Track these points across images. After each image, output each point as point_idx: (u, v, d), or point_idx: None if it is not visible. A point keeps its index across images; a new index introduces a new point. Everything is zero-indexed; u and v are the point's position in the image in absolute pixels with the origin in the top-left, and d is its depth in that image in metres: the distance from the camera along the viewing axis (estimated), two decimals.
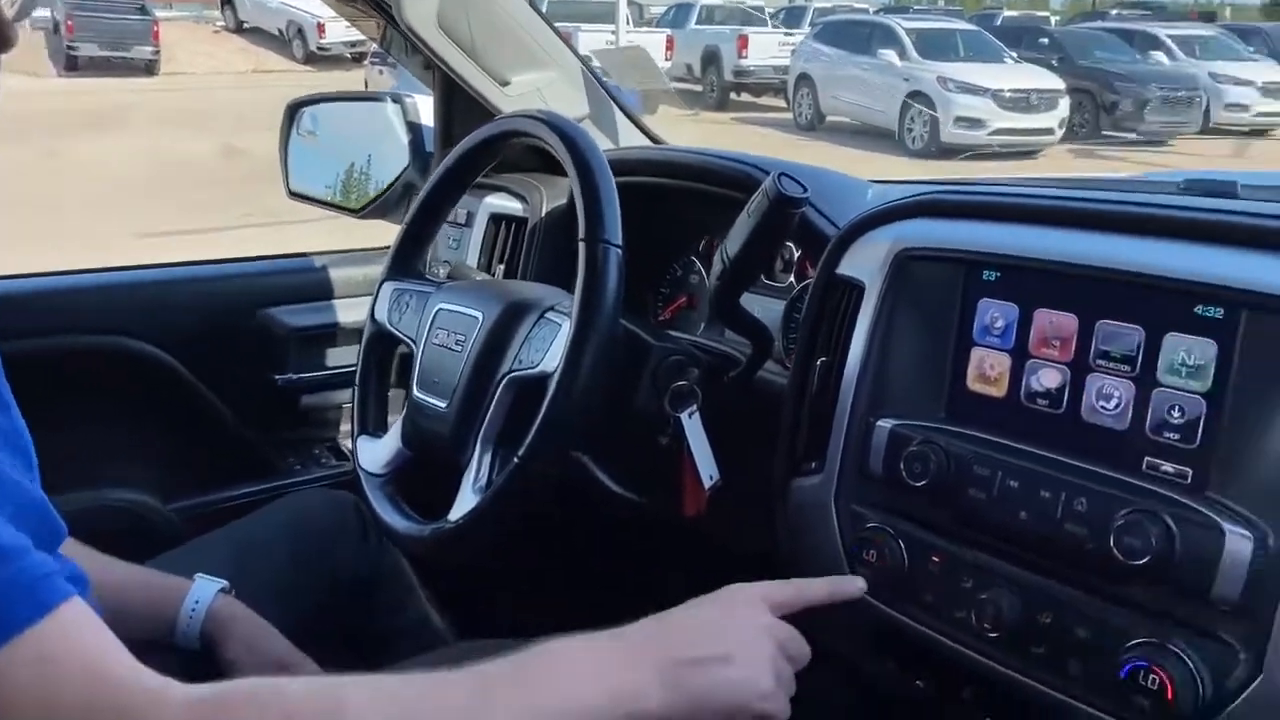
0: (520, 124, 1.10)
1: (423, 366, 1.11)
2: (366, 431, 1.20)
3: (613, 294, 0.93)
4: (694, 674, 0.71)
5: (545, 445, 0.94)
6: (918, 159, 10.81)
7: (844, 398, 0.94)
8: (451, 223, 1.55)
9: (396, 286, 1.20)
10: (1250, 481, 0.71)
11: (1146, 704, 0.71)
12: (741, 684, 0.72)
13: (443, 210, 1.21)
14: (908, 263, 0.92)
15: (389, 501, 1.13)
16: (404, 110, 1.67)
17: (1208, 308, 0.74)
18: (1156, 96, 12.14)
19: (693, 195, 1.27)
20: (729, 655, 0.72)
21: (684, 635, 0.74)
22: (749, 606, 0.77)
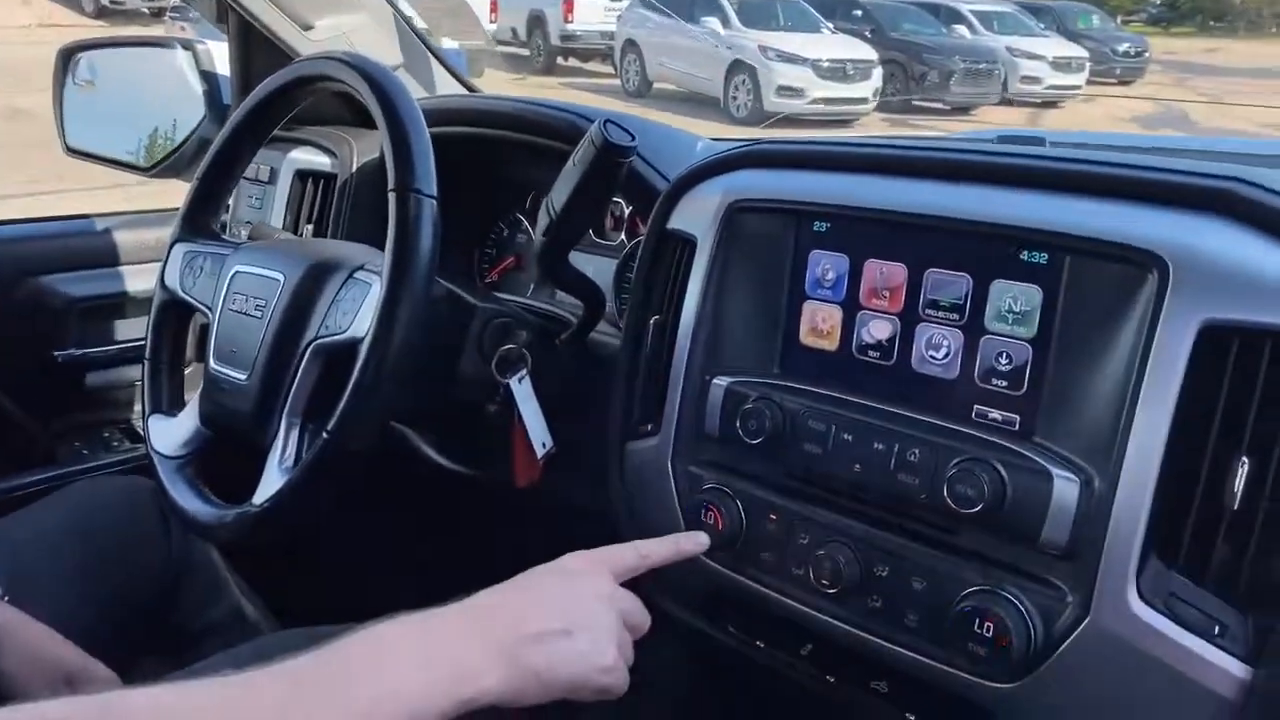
0: (321, 67, 1.00)
1: (219, 336, 1.00)
2: (160, 410, 1.09)
3: (427, 248, 0.86)
4: (533, 649, 0.67)
5: (358, 417, 0.86)
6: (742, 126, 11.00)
7: (679, 357, 0.91)
8: (252, 180, 1.43)
9: (189, 248, 1.09)
10: (1075, 426, 0.72)
11: (982, 651, 0.71)
12: (582, 657, 0.68)
13: (238, 164, 1.10)
14: (739, 215, 0.89)
15: (187, 486, 1.02)
16: (196, 58, 1.52)
17: (1032, 253, 0.74)
18: (960, 68, 12.77)
19: (515, 147, 1.20)
20: (569, 628, 0.69)
21: (521, 609, 0.69)
22: (589, 575, 0.73)
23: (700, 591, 0.92)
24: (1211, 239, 0.66)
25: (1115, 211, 0.70)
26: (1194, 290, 0.66)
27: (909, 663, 0.78)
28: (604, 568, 0.75)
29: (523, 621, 0.68)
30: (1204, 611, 0.66)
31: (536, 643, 0.67)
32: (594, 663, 0.69)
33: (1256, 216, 0.66)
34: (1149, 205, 0.70)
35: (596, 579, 0.73)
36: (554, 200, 0.95)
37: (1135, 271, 0.69)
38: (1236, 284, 0.65)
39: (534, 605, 0.70)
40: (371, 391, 0.85)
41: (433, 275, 0.88)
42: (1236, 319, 0.64)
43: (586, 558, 0.75)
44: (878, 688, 0.83)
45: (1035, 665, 0.71)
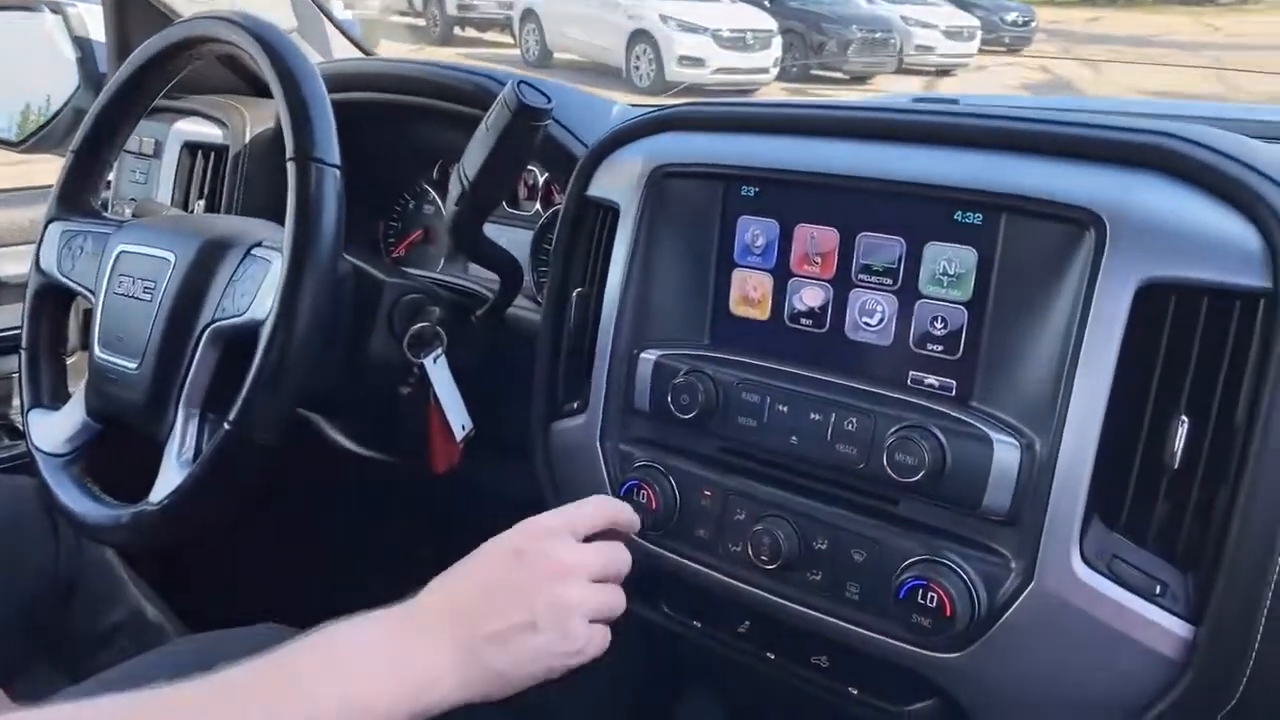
0: (207, 28, 0.93)
1: (105, 322, 0.93)
2: (40, 404, 1.00)
3: (331, 221, 0.80)
4: (494, 650, 0.63)
5: (262, 405, 0.80)
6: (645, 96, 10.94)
7: (605, 330, 0.87)
8: (136, 153, 1.33)
9: (66, 228, 1.00)
10: (1014, 390, 0.71)
11: (926, 622, 0.70)
12: (548, 649, 0.64)
13: (118, 136, 1.01)
14: (664, 180, 0.85)
15: (75, 485, 0.95)
16: (67, 22, 1.41)
17: (966, 214, 0.72)
18: (858, 38, 12.92)
19: (420, 113, 1.13)
20: (533, 620, 0.64)
21: (477, 605, 0.64)
22: (548, 547, 0.67)
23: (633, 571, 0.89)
24: (1148, 196, 0.65)
25: (1050, 170, 0.69)
26: (1131, 248, 0.64)
27: (851, 636, 0.76)
28: (563, 533, 0.69)
29: (481, 620, 0.63)
30: (1145, 572, 0.65)
31: (497, 642, 0.63)
32: (561, 650, 0.65)
33: (1191, 172, 0.65)
34: (1084, 163, 0.68)
35: (556, 550, 0.68)
36: (466, 168, 0.90)
37: (1072, 230, 0.67)
38: (1173, 241, 0.64)
39: (491, 599, 0.65)
40: (276, 377, 0.79)
41: (338, 250, 0.82)
42: (1174, 276, 0.64)
43: (540, 527, 0.69)
44: (819, 663, 0.81)
45: (980, 634, 0.70)
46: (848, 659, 0.79)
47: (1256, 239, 0.62)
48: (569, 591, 0.66)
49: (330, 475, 1.18)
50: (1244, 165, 0.64)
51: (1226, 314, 0.63)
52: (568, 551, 0.68)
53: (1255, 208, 0.63)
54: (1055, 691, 0.69)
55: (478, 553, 0.69)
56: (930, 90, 12.62)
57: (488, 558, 0.68)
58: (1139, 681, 0.66)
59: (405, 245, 1.31)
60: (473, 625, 0.63)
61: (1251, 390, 0.62)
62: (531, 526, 0.70)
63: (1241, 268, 0.62)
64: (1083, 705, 0.69)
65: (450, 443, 1.01)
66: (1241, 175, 0.63)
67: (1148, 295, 0.64)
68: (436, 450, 1.01)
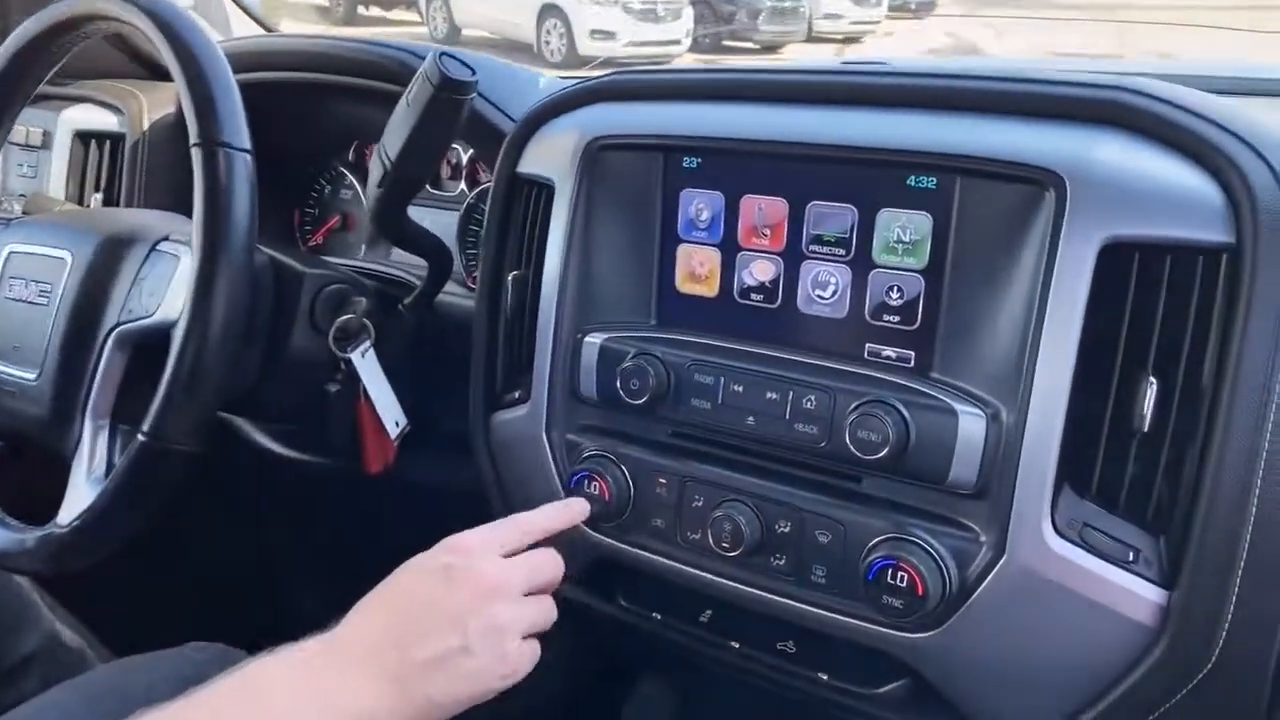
0: (92, 4, 0.85)
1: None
2: None
3: (244, 210, 0.74)
4: (426, 678, 0.60)
5: (179, 412, 0.74)
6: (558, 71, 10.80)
7: (545, 314, 0.82)
8: (21, 145, 1.23)
9: None
10: (976, 358, 0.68)
11: (898, 602, 0.68)
12: (482, 672, 0.61)
13: (0, 127, 0.93)
14: (600, 154, 0.80)
15: None
16: None
17: (920, 178, 0.70)
18: (767, 6, 12.93)
19: (333, 92, 1.07)
20: (465, 644, 0.61)
21: (406, 632, 0.61)
22: (474, 565, 0.65)
23: (586, 565, 0.85)
24: (1107, 153, 0.63)
25: (1006, 129, 0.66)
26: (1093, 207, 0.62)
27: (818, 620, 0.74)
28: (488, 550, 0.66)
29: (411, 646, 0.60)
30: (1118, 539, 0.64)
31: (429, 670, 0.59)
32: (495, 672, 0.62)
33: (1151, 127, 0.63)
34: (1041, 121, 0.66)
35: (483, 567, 0.65)
36: (387, 147, 0.84)
37: (1031, 191, 0.65)
38: (1135, 198, 0.62)
39: (420, 624, 0.61)
40: (193, 380, 0.73)
41: (253, 241, 0.76)
42: (1137, 234, 0.62)
43: (464, 545, 0.67)
44: (785, 649, 0.78)
45: (952, 611, 0.68)
46: (815, 644, 0.77)
47: (1218, 193, 0.61)
48: (501, 611, 0.63)
49: (256, 482, 1.12)
50: (1203, 118, 0.62)
51: (1190, 271, 0.62)
52: (495, 567, 0.65)
53: (1216, 161, 0.61)
54: (1030, 664, 0.68)
55: (400, 574, 0.65)
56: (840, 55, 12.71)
57: (412, 579, 0.65)
58: (1115, 649, 0.65)
59: (322, 233, 1.24)
60: (402, 653, 0.60)
61: (1217, 348, 0.61)
62: (455, 543, 0.67)
63: (1204, 223, 0.61)
64: (1058, 676, 0.67)
65: (384, 440, 0.96)
66: (1201, 129, 0.62)
67: (1111, 255, 0.62)
68: (369, 449, 0.96)
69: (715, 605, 0.81)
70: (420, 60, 0.83)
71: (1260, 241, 0.59)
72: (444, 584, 0.63)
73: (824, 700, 0.78)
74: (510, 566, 0.66)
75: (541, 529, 0.72)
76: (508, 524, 0.70)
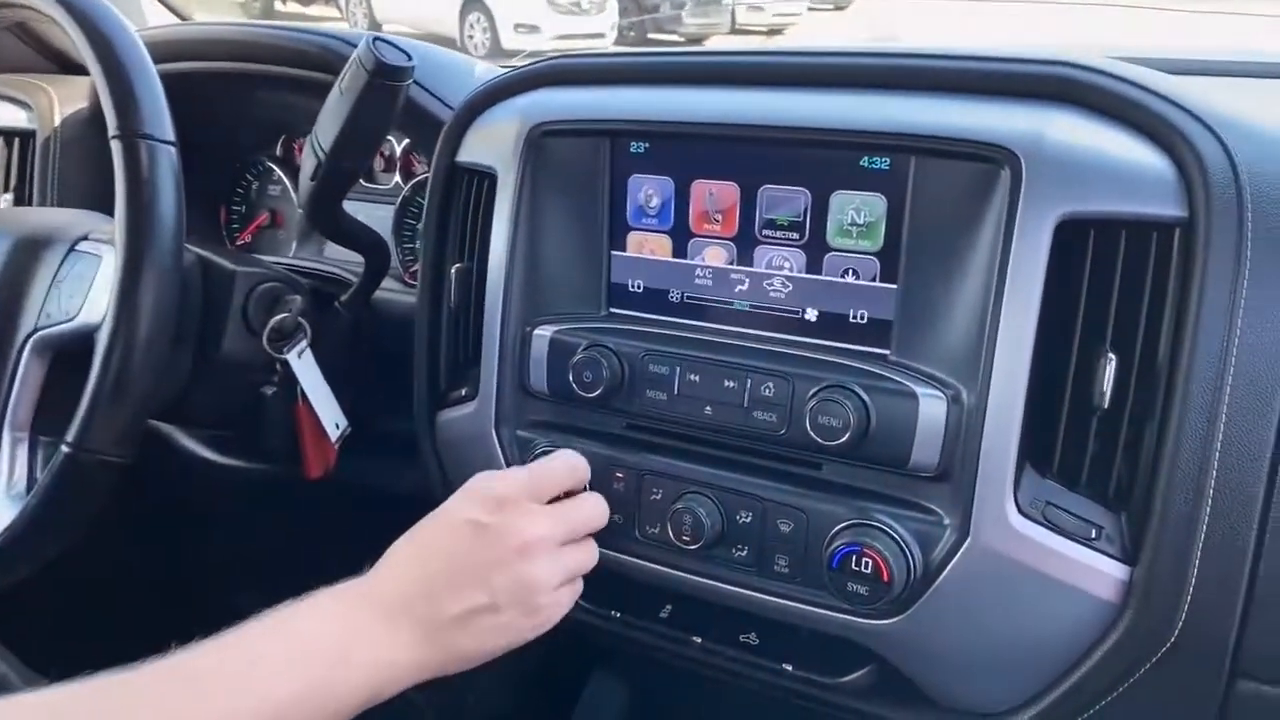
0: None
1: None
2: None
3: (169, 205, 0.70)
4: (456, 633, 0.61)
5: (106, 422, 0.69)
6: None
7: (490, 308, 0.79)
8: None
9: None
10: (935, 340, 0.68)
11: (863, 589, 0.67)
12: (511, 626, 0.63)
13: None
14: (544, 140, 0.78)
15: None
16: None
17: (873, 159, 0.69)
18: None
19: (259, 82, 1.02)
20: (494, 601, 0.62)
21: (437, 586, 0.62)
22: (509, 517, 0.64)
23: None
24: (1061, 130, 0.63)
25: (959, 107, 0.66)
26: (1048, 184, 0.62)
27: (782, 611, 0.73)
28: (521, 501, 0.66)
29: (441, 602, 0.61)
30: (1080, 516, 0.64)
31: (459, 626, 0.61)
32: (524, 625, 0.63)
33: (1103, 104, 0.63)
34: (993, 99, 0.65)
35: (517, 523, 0.64)
36: (320, 139, 0.81)
37: (986, 170, 0.64)
38: (1089, 175, 0.62)
39: (450, 578, 0.62)
40: (120, 388, 0.69)
41: (180, 238, 0.72)
42: (1092, 211, 0.61)
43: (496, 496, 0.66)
44: (748, 641, 0.77)
45: (917, 596, 0.67)
46: (778, 634, 0.76)
47: (1170, 169, 0.61)
48: (534, 569, 0.64)
49: (190, 492, 1.07)
50: (1155, 95, 0.62)
51: (1145, 247, 0.62)
52: (531, 524, 0.65)
53: (1168, 137, 0.61)
54: (996, 645, 0.67)
55: (432, 524, 0.66)
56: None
57: (444, 531, 0.65)
58: (1080, 626, 0.65)
59: (251, 231, 1.19)
60: (432, 608, 0.61)
61: (1173, 324, 0.61)
62: (487, 494, 0.66)
63: (1157, 198, 0.61)
64: (1025, 656, 0.67)
65: (324, 443, 0.92)
66: (1153, 104, 0.62)
67: (1066, 232, 0.62)
68: (309, 453, 0.92)
69: (675, 600, 0.79)
70: (351, 47, 0.79)
71: (1213, 216, 0.59)
72: (474, 539, 0.63)
73: (788, 691, 0.77)
74: (548, 520, 0.66)
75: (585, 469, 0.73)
76: (554, 462, 0.71)
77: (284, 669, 0.56)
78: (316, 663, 0.57)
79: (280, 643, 0.57)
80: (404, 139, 1.09)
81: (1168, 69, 0.68)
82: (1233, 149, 0.60)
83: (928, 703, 0.72)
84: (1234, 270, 0.59)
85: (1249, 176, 0.59)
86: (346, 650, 0.58)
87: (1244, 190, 0.59)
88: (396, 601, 0.61)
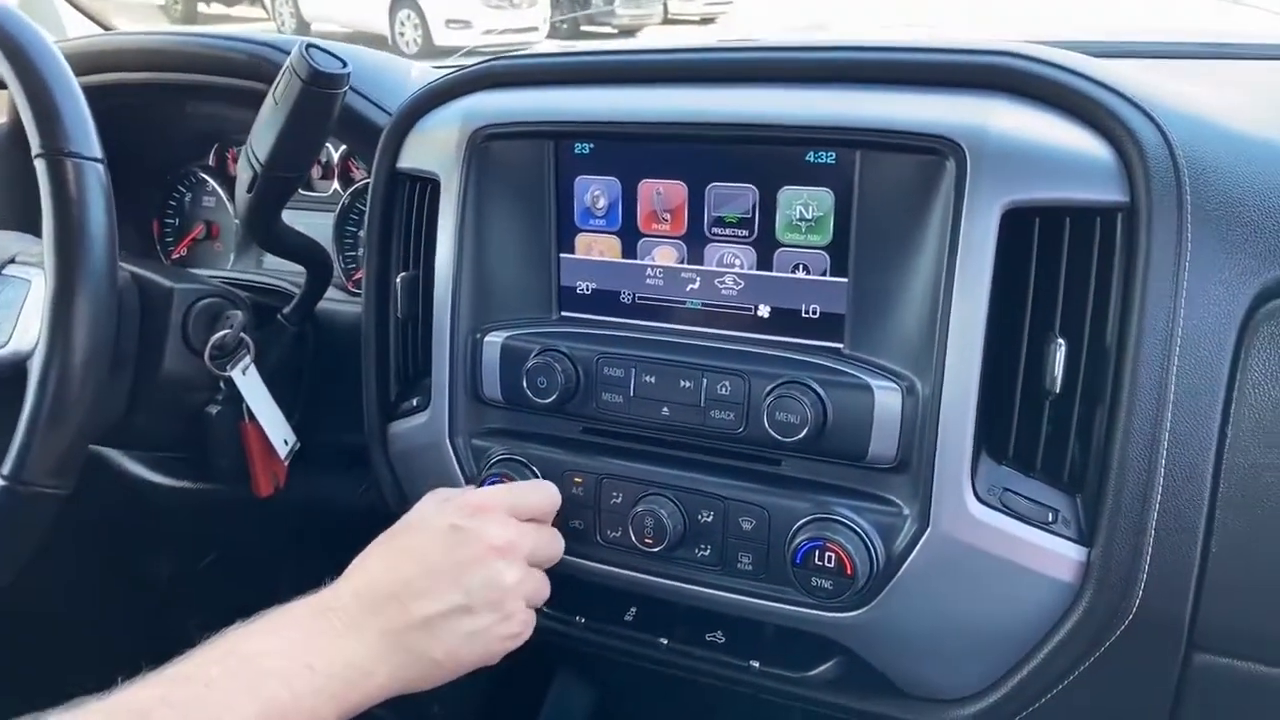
0: None
1: None
2: None
3: (100, 225, 0.67)
4: (427, 637, 0.60)
5: (42, 452, 0.67)
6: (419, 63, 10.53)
7: (439, 316, 0.78)
8: None
9: None
10: (888, 332, 0.68)
11: (827, 583, 0.67)
12: (484, 633, 0.62)
13: None
14: (486, 144, 0.77)
15: None
16: None
17: (819, 153, 0.69)
18: None
19: (188, 92, 0.99)
20: (468, 604, 0.61)
21: (407, 589, 0.61)
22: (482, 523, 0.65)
23: None
24: (1002, 119, 0.63)
25: (900, 99, 0.66)
26: (992, 174, 0.62)
27: (748, 608, 0.73)
28: (498, 512, 0.66)
29: (411, 604, 0.60)
30: (1036, 501, 0.65)
31: (429, 629, 0.59)
32: (500, 632, 0.62)
33: (1043, 92, 0.64)
34: (935, 90, 0.66)
35: (492, 529, 0.64)
36: (255, 149, 0.78)
37: (931, 161, 0.65)
38: (1031, 163, 0.62)
39: (422, 581, 0.60)
40: (56, 416, 0.66)
41: (113, 258, 0.70)
42: (1036, 198, 0.62)
43: (472, 504, 0.66)
44: (714, 640, 0.77)
45: (881, 587, 0.67)
46: (744, 631, 0.76)
47: (1110, 154, 0.62)
48: (508, 571, 0.63)
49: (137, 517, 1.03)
50: (1091, 81, 0.63)
51: (1089, 232, 0.62)
52: (505, 530, 0.65)
53: (1106, 123, 0.62)
54: (960, 631, 0.68)
55: (405, 528, 0.65)
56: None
57: (419, 535, 0.64)
58: (1041, 609, 0.66)
59: (186, 244, 1.16)
60: (402, 611, 0.60)
61: (1119, 307, 0.62)
62: (464, 501, 0.66)
63: (1099, 184, 0.62)
64: (989, 640, 0.68)
65: (273, 461, 0.90)
66: (1090, 91, 0.63)
67: (1013, 220, 0.63)
68: (258, 471, 0.90)
69: (640, 602, 0.79)
70: (283, 54, 0.77)
71: (1153, 199, 0.60)
72: (449, 541, 0.62)
73: (756, 687, 0.77)
74: (519, 532, 0.66)
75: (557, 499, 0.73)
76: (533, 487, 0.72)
77: (239, 693, 0.54)
78: (273, 681, 0.55)
79: (231, 665, 0.55)
80: (340, 145, 1.07)
81: (1091, 53, 0.68)
82: (1168, 132, 0.61)
83: (895, 691, 0.73)
84: (1176, 252, 0.60)
85: (1186, 159, 0.60)
86: (305, 661, 0.56)
87: (1182, 173, 0.60)
88: (363, 606, 0.60)
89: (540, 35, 11.86)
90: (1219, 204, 0.61)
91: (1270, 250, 0.60)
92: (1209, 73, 0.98)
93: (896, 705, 0.73)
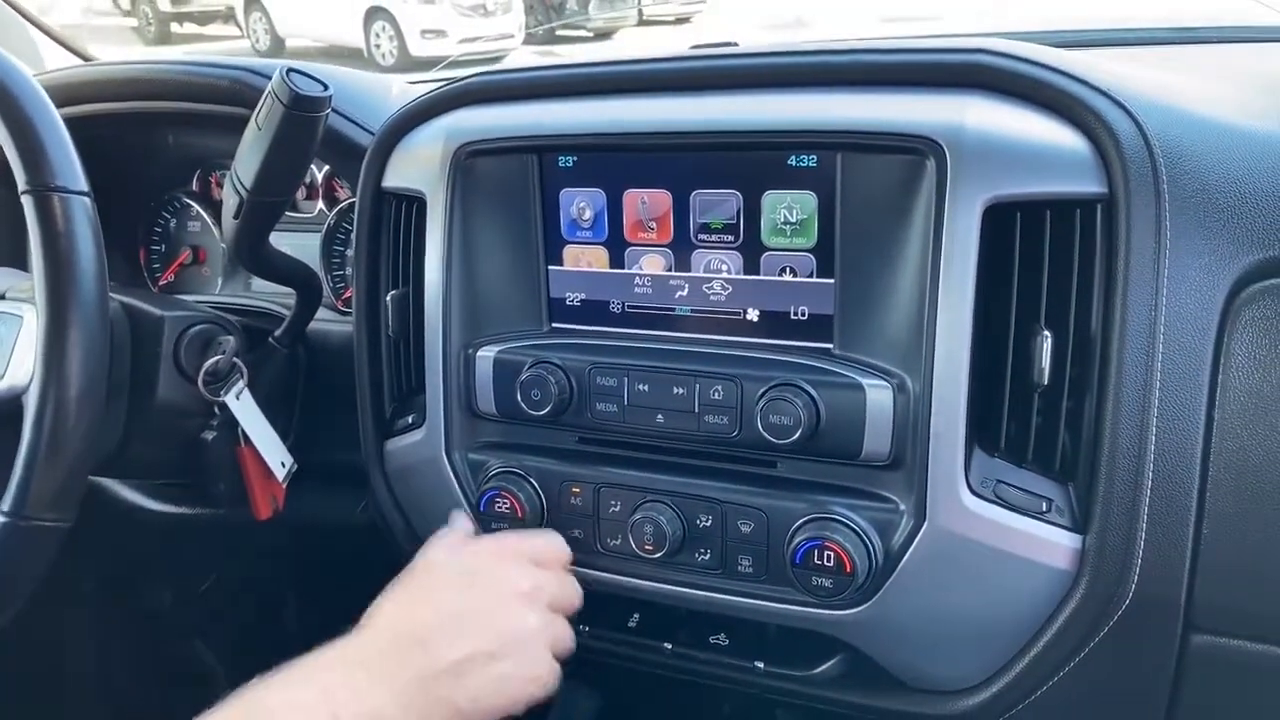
0: None
1: None
2: None
3: (90, 258, 0.68)
4: (453, 684, 0.59)
5: (42, 485, 0.67)
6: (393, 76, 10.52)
7: (431, 333, 0.79)
8: None
9: None
10: (877, 331, 0.69)
11: (828, 582, 0.68)
12: (511, 679, 0.61)
13: None
14: (471, 160, 0.77)
15: None
16: None
17: (801, 157, 0.69)
18: None
19: (170, 120, 1.00)
20: (493, 650, 0.60)
21: (433, 635, 0.60)
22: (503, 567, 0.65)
23: None
24: (980, 116, 0.64)
25: (879, 100, 0.67)
26: (973, 171, 0.63)
27: (749, 610, 0.73)
28: (519, 557, 0.66)
29: (436, 650, 0.59)
30: (1030, 491, 0.66)
31: (456, 676, 0.58)
32: (524, 678, 0.61)
33: (1013, 86, 0.65)
34: (911, 90, 0.66)
35: (513, 571, 0.64)
36: (240, 175, 0.79)
37: (912, 161, 0.66)
38: (1010, 158, 0.63)
39: (448, 626, 0.60)
40: (55, 450, 0.67)
41: (104, 290, 0.70)
42: (1017, 193, 0.63)
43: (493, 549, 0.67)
44: (718, 642, 0.78)
45: (880, 583, 0.68)
46: (747, 633, 0.76)
47: (1087, 147, 0.63)
48: (530, 617, 0.63)
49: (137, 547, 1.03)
50: (1065, 75, 0.64)
51: (1070, 224, 0.63)
52: (526, 576, 0.65)
53: (1081, 116, 0.63)
54: (961, 623, 0.69)
55: (420, 572, 0.64)
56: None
57: (436, 579, 0.64)
58: (1039, 597, 0.66)
59: (173, 270, 1.16)
60: (428, 657, 0.59)
61: (1103, 296, 0.63)
62: (479, 547, 0.66)
63: (1077, 177, 0.63)
64: (989, 631, 0.69)
65: (270, 483, 0.90)
66: (1064, 85, 0.64)
67: (995, 215, 0.63)
68: (256, 494, 0.90)
69: (642, 608, 0.80)
70: (264, 79, 0.78)
71: (1131, 189, 0.61)
72: (469, 587, 0.62)
73: (761, 687, 0.78)
74: (542, 578, 0.66)
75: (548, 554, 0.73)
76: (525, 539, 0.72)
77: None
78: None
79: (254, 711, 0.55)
80: (324, 166, 1.07)
81: (1056, 43, 0.69)
82: (1143, 122, 0.62)
83: (899, 686, 0.74)
84: (1155, 240, 0.61)
85: (1161, 148, 0.61)
86: (331, 712, 0.56)
87: (1158, 162, 0.61)
88: (386, 655, 0.59)
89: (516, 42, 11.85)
90: (1196, 191, 0.62)
91: (1247, 235, 0.61)
92: (1179, 57, 0.99)
93: (901, 699, 0.74)
